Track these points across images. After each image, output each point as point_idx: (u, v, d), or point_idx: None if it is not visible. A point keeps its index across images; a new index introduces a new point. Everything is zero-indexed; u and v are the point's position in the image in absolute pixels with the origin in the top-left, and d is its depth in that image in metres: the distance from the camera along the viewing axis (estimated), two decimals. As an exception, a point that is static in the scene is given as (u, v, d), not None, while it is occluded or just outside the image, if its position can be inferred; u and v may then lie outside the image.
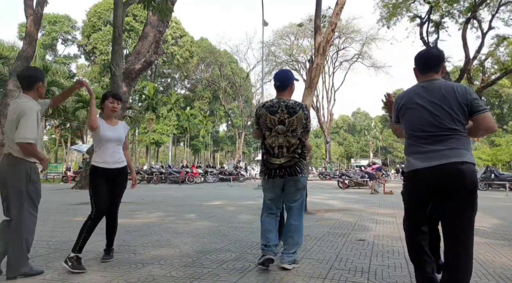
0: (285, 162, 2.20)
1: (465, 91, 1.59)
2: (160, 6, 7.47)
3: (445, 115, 1.58)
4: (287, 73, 2.34)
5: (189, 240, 3.16)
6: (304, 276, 2.11)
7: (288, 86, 2.29)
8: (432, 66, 1.71)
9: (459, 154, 1.54)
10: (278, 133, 2.21)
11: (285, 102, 2.23)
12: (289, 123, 2.20)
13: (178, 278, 2.06)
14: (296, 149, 2.21)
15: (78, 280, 2.03)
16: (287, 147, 2.21)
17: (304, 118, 2.22)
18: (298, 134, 2.22)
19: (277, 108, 2.22)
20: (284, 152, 2.20)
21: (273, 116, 2.22)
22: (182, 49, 34.18)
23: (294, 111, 2.21)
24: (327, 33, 5.93)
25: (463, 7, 13.63)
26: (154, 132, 31.34)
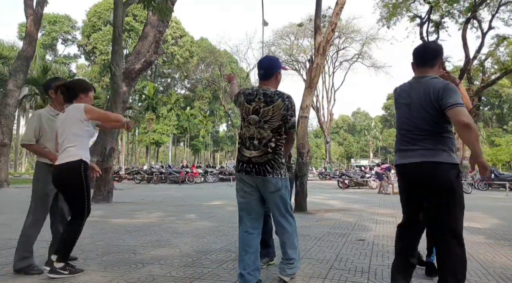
0: (256, 156, 1.85)
1: (439, 88, 1.56)
2: (160, 6, 7.47)
3: (420, 115, 1.61)
4: (272, 60, 2.02)
5: (189, 240, 3.16)
6: (304, 276, 2.11)
7: (273, 75, 1.96)
8: (427, 60, 1.70)
9: (434, 154, 1.56)
10: (250, 123, 1.89)
11: (264, 91, 1.92)
12: (263, 113, 1.87)
13: (178, 278, 2.06)
14: (268, 143, 1.85)
15: (78, 280, 2.03)
16: (258, 138, 1.86)
17: (283, 109, 1.87)
18: (274, 127, 1.86)
19: (255, 96, 1.92)
20: (256, 144, 1.86)
21: (248, 105, 1.92)
22: (182, 49, 34.19)
23: (271, 100, 1.88)
24: (327, 33, 5.93)
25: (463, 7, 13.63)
26: (154, 132, 31.35)
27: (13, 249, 2.76)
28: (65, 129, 2.05)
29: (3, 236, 3.28)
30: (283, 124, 1.90)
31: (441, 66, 1.74)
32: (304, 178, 5.52)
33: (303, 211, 5.33)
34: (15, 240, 3.07)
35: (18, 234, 2.35)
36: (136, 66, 9.38)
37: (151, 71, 34.16)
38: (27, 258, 2.17)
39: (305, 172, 5.59)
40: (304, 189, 5.47)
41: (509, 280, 2.09)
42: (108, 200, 6.70)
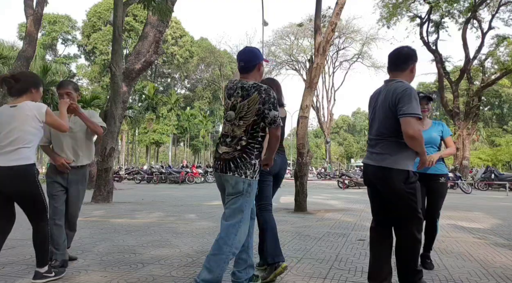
0: (224, 152, 1.69)
1: (399, 92, 1.63)
2: (160, 6, 7.47)
3: (380, 119, 1.72)
4: (252, 51, 1.81)
5: (189, 240, 3.16)
6: (304, 276, 2.11)
7: (255, 67, 1.76)
8: (398, 64, 1.75)
9: (383, 159, 1.68)
10: (227, 120, 1.74)
11: (242, 84, 1.73)
12: (239, 108, 1.69)
13: (178, 278, 2.06)
14: (240, 140, 1.67)
15: (78, 280, 2.03)
16: (231, 136, 1.70)
17: (259, 102, 1.65)
18: (248, 123, 1.66)
19: (234, 90, 1.74)
20: (228, 141, 1.70)
21: (228, 100, 1.76)
22: (182, 49, 34.20)
23: (247, 94, 1.68)
24: (327, 33, 5.93)
25: (463, 7, 13.64)
26: (154, 132, 31.35)
27: (13, 249, 2.76)
28: (19, 127, 1.82)
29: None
30: (260, 120, 1.68)
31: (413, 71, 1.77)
32: (304, 178, 5.52)
33: (303, 211, 5.33)
34: (14, 240, 3.07)
35: (18, 234, 2.34)
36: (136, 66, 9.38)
37: (151, 71, 34.18)
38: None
39: (305, 172, 5.59)
40: (304, 189, 5.47)
41: (509, 280, 2.09)
42: (108, 200, 6.69)
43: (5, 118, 1.84)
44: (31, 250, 2.26)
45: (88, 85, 34.14)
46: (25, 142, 1.82)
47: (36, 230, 1.94)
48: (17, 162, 1.79)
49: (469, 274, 2.21)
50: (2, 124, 1.84)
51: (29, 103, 1.89)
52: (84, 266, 2.29)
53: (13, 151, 1.80)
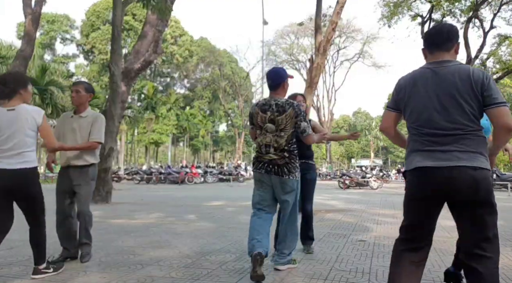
0: (275, 159, 2.13)
1: (482, 76, 1.28)
2: (159, 5, 7.44)
3: (457, 108, 1.29)
4: (279, 71, 2.26)
5: (188, 241, 3.14)
6: (304, 277, 2.09)
7: (281, 85, 2.22)
8: (441, 43, 1.39)
9: (472, 158, 1.27)
10: (267, 131, 2.16)
11: (276, 101, 2.17)
12: (278, 122, 2.13)
13: (178, 279, 2.04)
14: (283, 149, 2.14)
15: (77, 281, 2.01)
16: (274, 147, 2.14)
17: (294, 116, 2.13)
18: (288, 134, 2.13)
19: (269, 106, 2.17)
20: (271, 151, 2.14)
21: (264, 114, 2.17)
22: (181, 48, 34.14)
23: (283, 110, 2.13)
24: (328, 32, 5.91)
25: (465, 6, 13.60)
26: (153, 132, 31.30)
27: (11, 250, 2.74)
28: (19, 130, 1.86)
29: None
30: (295, 130, 2.17)
31: (457, 52, 1.42)
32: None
33: (303, 211, 5.31)
34: (13, 240, 3.05)
35: (17, 234, 2.34)
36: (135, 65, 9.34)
37: (150, 71, 34.12)
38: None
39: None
40: (304, 189, 5.44)
41: (510, 280, 2.08)
42: (107, 200, 6.67)
43: (5, 123, 1.86)
44: (30, 251, 2.24)
45: (87, 85, 33.99)
46: (26, 145, 1.87)
47: (34, 230, 1.99)
48: (21, 165, 1.85)
49: (472, 275, 2.18)
50: (2, 128, 1.86)
51: (26, 107, 1.93)
52: (82, 267, 2.27)
53: (16, 155, 1.84)
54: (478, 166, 1.27)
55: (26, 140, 1.87)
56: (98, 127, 2.38)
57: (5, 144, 1.84)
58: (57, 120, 2.46)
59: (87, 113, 2.42)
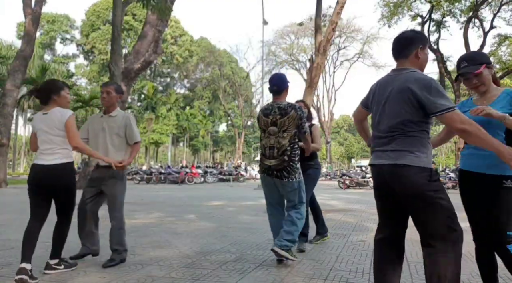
0: (274, 164, 2.31)
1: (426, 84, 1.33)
2: (159, 5, 7.44)
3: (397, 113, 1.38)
4: (283, 78, 2.45)
5: (188, 241, 3.14)
6: (304, 277, 2.09)
7: (284, 90, 2.41)
8: (398, 51, 1.48)
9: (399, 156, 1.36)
10: (270, 134, 2.32)
11: (278, 104, 2.35)
12: (280, 124, 2.30)
13: (178, 279, 2.04)
14: (285, 151, 2.29)
15: (77, 281, 2.01)
16: (277, 147, 2.30)
17: (297, 118, 2.30)
18: (291, 134, 2.30)
19: (271, 110, 2.36)
20: (274, 153, 2.30)
21: (266, 118, 2.36)
22: (181, 48, 34.15)
23: (285, 112, 2.30)
24: (328, 32, 5.91)
25: (465, 6, 13.60)
26: (153, 132, 31.31)
27: (12, 249, 2.74)
28: (50, 131, 2.11)
29: (2, 237, 3.26)
30: (298, 131, 2.33)
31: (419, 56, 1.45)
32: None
33: (303, 211, 5.31)
34: (14, 240, 3.05)
35: (18, 234, 2.34)
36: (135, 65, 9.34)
37: (150, 71, 34.14)
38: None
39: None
40: (304, 189, 5.45)
41: (510, 280, 2.07)
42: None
43: (40, 125, 2.13)
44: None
45: (86, 85, 34.09)
46: (56, 143, 2.10)
47: (60, 225, 2.18)
48: (57, 161, 2.08)
49: (471, 275, 2.19)
50: (38, 131, 2.13)
51: (57, 110, 2.15)
52: (82, 267, 2.27)
53: (50, 153, 2.09)
54: (403, 163, 1.35)
55: (56, 139, 2.10)
56: (133, 129, 2.45)
57: (43, 144, 2.11)
58: (88, 122, 2.57)
59: (116, 112, 2.49)
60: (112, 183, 2.41)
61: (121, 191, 2.44)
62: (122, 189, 2.45)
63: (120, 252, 2.37)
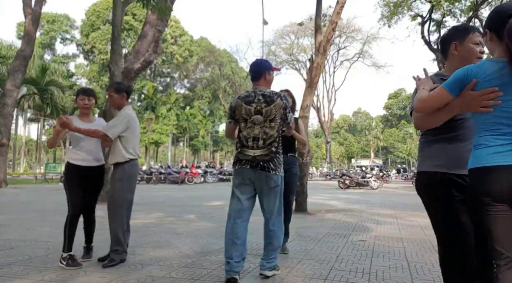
0: (260, 155, 2.00)
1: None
2: (159, 5, 7.43)
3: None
4: (260, 62, 2.19)
5: (188, 241, 3.14)
6: (304, 277, 2.09)
7: (262, 76, 2.10)
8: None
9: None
10: (254, 123, 2.03)
11: (262, 92, 2.06)
12: (266, 112, 2.02)
13: (178, 279, 2.04)
14: (273, 142, 2.02)
15: (77, 281, 2.01)
16: (263, 138, 2.01)
17: (283, 107, 2.04)
18: (277, 124, 2.04)
19: (253, 98, 2.05)
20: (260, 144, 2.01)
21: (248, 106, 2.04)
22: (181, 48, 34.14)
23: (271, 100, 2.03)
24: (328, 32, 5.90)
25: (465, 6, 13.58)
26: (153, 132, 31.30)
27: (11, 249, 2.74)
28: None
29: (1, 237, 3.25)
30: (283, 121, 2.08)
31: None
32: (304, 178, 5.50)
33: (303, 211, 5.31)
34: (13, 240, 3.05)
35: (18, 234, 2.34)
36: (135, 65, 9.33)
37: (150, 71, 34.12)
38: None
39: (305, 172, 5.57)
40: (304, 190, 5.45)
41: None
42: (107, 200, 6.66)
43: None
44: (29, 250, 2.24)
45: (86, 85, 34.04)
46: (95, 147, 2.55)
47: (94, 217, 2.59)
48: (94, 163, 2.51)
49: (472, 275, 2.18)
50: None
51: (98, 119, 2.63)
52: (82, 267, 2.27)
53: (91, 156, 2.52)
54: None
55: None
56: (114, 121, 2.44)
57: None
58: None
59: (121, 111, 2.50)
60: (112, 182, 2.45)
61: (121, 191, 2.43)
62: (122, 189, 2.43)
63: (120, 252, 2.36)
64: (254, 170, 2.00)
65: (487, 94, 1.04)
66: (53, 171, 17.90)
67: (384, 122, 52.07)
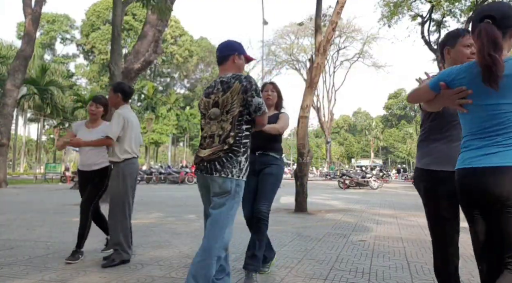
0: (207, 155, 1.57)
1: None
2: (159, 5, 7.44)
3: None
4: (228, 43, 1.71)
5: (188, 241, 3.14)
6: (304, 277, 2.09)
7: (229, 58, 1.65)
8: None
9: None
10: (211, 119, 1.60)
11: (221, 78, 1.63)
12: (223, 102, 1.57)
13: (178, 279, 2.04)
14: (226, 138, 1.55)
15: (78, 280, 2.01)
16: (219, 135, 1.56)
17: (242, 92, 1.54)
18: (234, 114, 1.55)
19: (213, 88, 1.64)
20: (215, 142, 1.57)
21: (207, 99, 1.64)
22: (181, 48, 34.16)
23: (228, 86, 1.57)
24: (328, 32, 5.90)
25: (465, 6, 13.59)
26: (154, 132, 31.32)
27: (11, 249, 2.74)
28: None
29: (2, 237, 3.25)
30: (245, 110, 1.57)
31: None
32: (304, 178, 5.50)
33: (303, 211, 5.31)
34: (14, 240, 3.05)
35: (16, 234, 2.34)
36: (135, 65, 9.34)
37: (150, 71, 34.13)
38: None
39: (305, 172, 5.57)
40: (304, 189, 5.45)
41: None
42: (107, 200, 6.66)
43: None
44: (30, 251, 2.24)
45: (86, 85, 34.08)
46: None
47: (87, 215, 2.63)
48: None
49: (471, 275, 2.19)
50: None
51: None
52: (83, 267, 2.27)
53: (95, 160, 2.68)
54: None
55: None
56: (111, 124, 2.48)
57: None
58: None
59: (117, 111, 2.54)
60: (111, 182, 2.51)
61: (117, 190, 2.47)
62: (118, 188, 2.47)
63: (119, 252, 2.36)
64: (202, 173, 1.58)
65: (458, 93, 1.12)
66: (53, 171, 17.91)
67: (384, 122, 52.09)
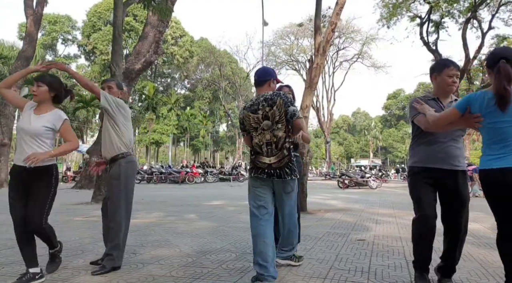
0: (275, 162, 2.03)
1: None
2: (160, 6, 7.47)
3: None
4: (267, 70, 2.24)
5: (189, 240, 3.16)
6: (304, 276, 2.11)
7: (266, 82, 2.14)
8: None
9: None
10: (264, 129, 2.06)
11: (264, 96, 2.09)
12: (272, 115, 2.05)
13: (178, 278, 2.06)
14: (284, 144, 2.04)
15: (78, 280, 2.03)
16: (275, 142, 2.04)
17: (284, 105, 2.04)
18: (285, 124, 2.05)
19: (258, 105, 2.09)
20: (273, 149, 2.04)
21: (255, 114, 2.08)
22: (182, 49, 34.16)
23: (273, 102, 2.05)
24: (327, 33, 5.93)
25: (463, 7, 13.61)
26: (154, 132, 31.34)
27: (12, 249, 2.76)
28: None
29: (3, 236, 3.28)
30: (290, 118, 2.07)
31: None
32: (304, 178, 5.52)
33: (303, 211, 5.31)
34: (14, 240, 3.07)
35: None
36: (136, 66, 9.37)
37: (151, 71, 34.14)
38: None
39: (305, 171, 5.58)
40: (304, 189, 5.46)
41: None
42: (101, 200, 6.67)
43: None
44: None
45: (88, 85, 33.98)
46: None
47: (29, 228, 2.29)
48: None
49: (469, 274, 2.21)
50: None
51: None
52: (84, 267, 2.29)
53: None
54: None
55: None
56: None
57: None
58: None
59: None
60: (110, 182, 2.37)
61: (119, 192, 2.35)
62: (121, 190, 2.35)
63: (113, 258, 2.17)
64: (271, 178, 2.06)
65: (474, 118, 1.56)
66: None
67: (383, 122, 52.09)
